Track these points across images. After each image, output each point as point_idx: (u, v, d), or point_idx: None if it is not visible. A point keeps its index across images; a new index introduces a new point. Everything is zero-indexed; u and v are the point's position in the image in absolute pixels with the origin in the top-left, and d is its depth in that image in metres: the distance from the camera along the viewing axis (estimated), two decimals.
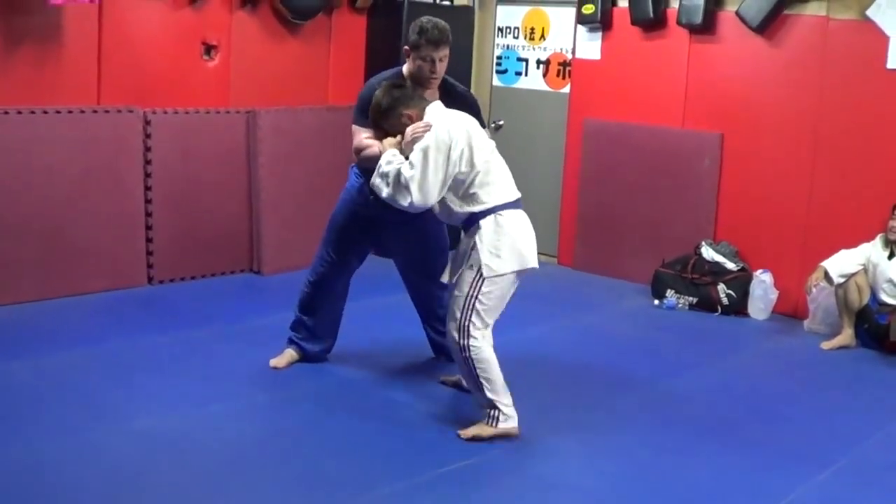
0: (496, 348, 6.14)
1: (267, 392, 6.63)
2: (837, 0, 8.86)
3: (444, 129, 5.93)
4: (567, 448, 6.06)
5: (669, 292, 9.46)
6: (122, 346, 7.37)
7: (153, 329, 7.84)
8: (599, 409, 6.70)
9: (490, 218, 6.07)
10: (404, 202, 5.88)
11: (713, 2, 9.50)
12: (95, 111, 8.63)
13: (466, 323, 6.00)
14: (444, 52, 6.49)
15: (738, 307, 9.28)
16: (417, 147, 5.87)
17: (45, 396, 6.36)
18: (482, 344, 6.05)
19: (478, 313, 6.01)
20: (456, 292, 6.09)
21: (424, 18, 6.48)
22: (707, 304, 9.34)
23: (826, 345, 8.40)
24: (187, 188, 9.20)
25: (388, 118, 6.16)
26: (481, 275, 5.99)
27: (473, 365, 6.01)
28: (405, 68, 6.62)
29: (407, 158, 5.93)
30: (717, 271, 9.36)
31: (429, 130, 5.91)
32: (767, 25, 9.18)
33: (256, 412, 6.33)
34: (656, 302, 9.51)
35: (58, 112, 8.38)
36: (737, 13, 9.28)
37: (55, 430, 5.82)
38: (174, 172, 9.10)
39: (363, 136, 6.49)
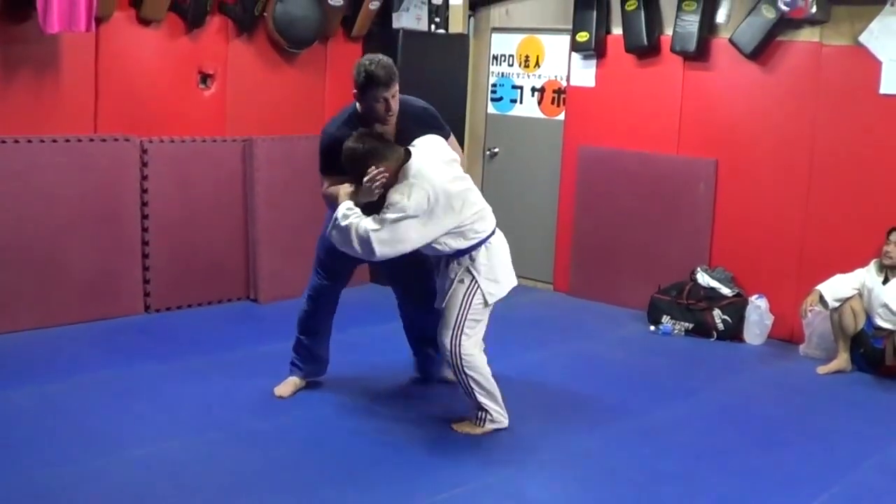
0: (494, 374, 6.20)
1: (264, 420, 6.63)
2: (830, 26, 8.91)
3: (423, 196, 6.05)
4: (563, 474, 6.07)
5: (665, 318, 9.47)
6: (119, 375, 7.37)
7: (150, 357, 7.84)
8: (596, 436, 6.70)
9: (482, 248, 6.40)
10: (365, 255, 6.11)
11: (707, 29, 9.54)
12: (92, 140, 8.65)
13: (459, 334, 6.37)
14: (395, 90, 6.40)
15: (733, 332, 9.29)
16: (395, 208, 5.99)
17: (43, 424, 6.36)
18: (474, 352, 6.47)
19: (470, 326, 6.41)
20: (448, 306, 6.41)
21: (366, 60, 6.43)
22: (703, 329, 9.35)
23: (822, 369, 8.42)
24: (184, 216, 9.22)
25: (357, 168, 6.17)
26: (478, 292, 6.39)
27: (465, 372, 6.43)
28: (359, 107, 6.53)
29: (360, 206, 6.11)
30: (712, 297, 9.37)
31: (384, 177, 6.03)
32: (761, 52, 9.22)
33: (254, 440, 6.32)
34: (652, 328, 9.52)
35: (54, 141, 8.40)
36: (730, 40, 9.33)
37: (53, 458, 5.83)
38: (171, 201, 9.12)
39: (326, 186, 6.60)
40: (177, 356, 7.91)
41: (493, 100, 11.59)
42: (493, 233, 6.50)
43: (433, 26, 10.98)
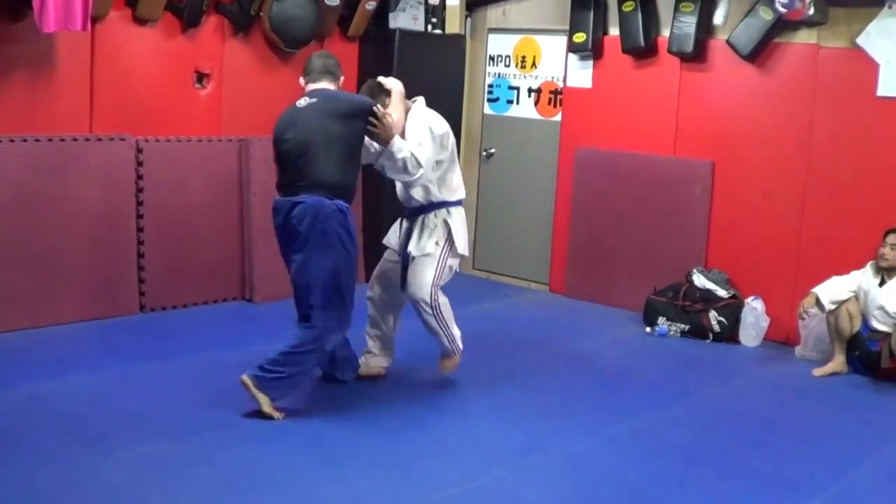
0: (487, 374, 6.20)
1: (259, 420, 6.61)
2: (827, 28, 8.90)
3: (440, 119, 7.39)
4: (558, 476, 6.06)
5: (661, 319, 9.47)
6: (114, 374, 7.36)
7: (145, 357, 7.83)
8: (591, 437, 6.69)
9: (460, 208, 7.49)
10: (411, 173, 7.04)
11: (704, 30, 9.53)
12: (87, 139, 8.64)
13: (436, 287, 7.29)
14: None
15: (729, 334, 9.29)
16: (423, 131, 7.17)
17: (38, 424, 6.35)
18: (443, 299, 7.41)
19: (444, 279, 7.39)
20: (425, 263, 7.29)
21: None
22: (698, 331, 9.35)
23: (818, 371, 8.41)
24: (179, 216, 9.21)
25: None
26: (452, 250, 7.38)
27: (442, 315, 7.35)
28: None
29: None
30: (708, 298, 9.37)
31: (390, 115, 7.03)
32: (758, 54, 9.22)
33: (248, 440, 6.31)
34: (648, 329, 9.51)
35: (50, 140, 8.39)
36: (727, 41, 9.32)
37: (47, 458, 5.82)
38: (166, 200, 9.10)
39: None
40: (172, 356, 7.90)
41: (489, 100, 11.58)
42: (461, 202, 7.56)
43: (430, 26, 10.99)
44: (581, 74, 10.52)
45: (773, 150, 9.29)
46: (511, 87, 11.40)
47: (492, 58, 11.54)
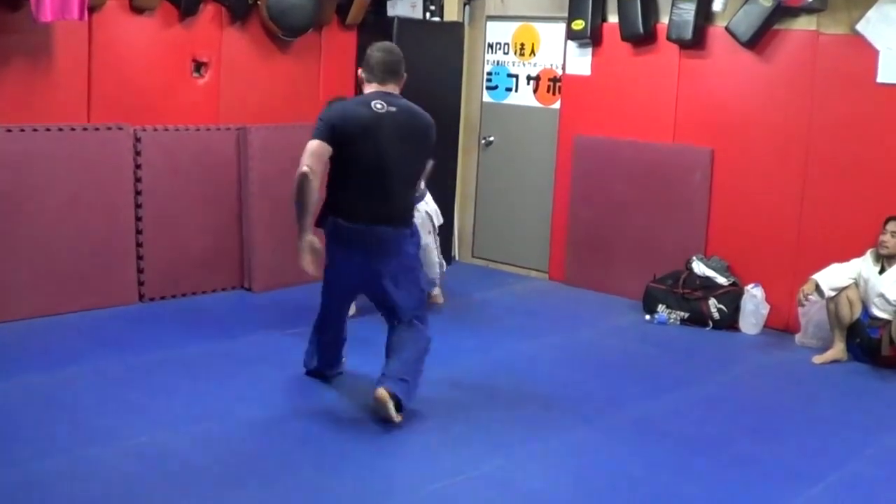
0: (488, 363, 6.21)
1: (259, 409, 6.61)
2: (827, 15, 8.88)
3: None
4: (558, 463, 6.06)
5: (660, 307, 9.46)
6: (113, 365, 7.35)
7: (145, 347, 7.82)
8: (591, 425, 6.68)
9: None
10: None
11: (703, 17, 9.50)
12: (85, 128, 8.62)
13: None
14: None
15: (729, 322, 9.28)
16: None
17: (37, 415, 6.34)
18: None
19: None
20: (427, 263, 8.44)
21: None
22: (698, 318, 9.34)
23: (818, 359, 8.41)
24: (177, 205, 9.19)
25: None
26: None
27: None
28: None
29: None
30: (708, 286, 9.36)
31: None
32: (757, 40, 9.19)
33: (249, 429, 6.31)
34: (647, 317, 9.51)
35: (48, 130, 8.36)
36: (726, 28, 9.30)
37: (46, 449, 5.80)
38: (164, 189, 9.09)
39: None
40: (171, 345, 7.88)
41: (488, 88, 11.56)
42: None
43: (428, 14, 10.97)
44: (580, 62, 10.49)
45: (773, 137, 9.28)
46: (510, 75, 11.38)
47: (490, 45, 11.52)
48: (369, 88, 6.63)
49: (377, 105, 6.45)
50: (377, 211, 6.45)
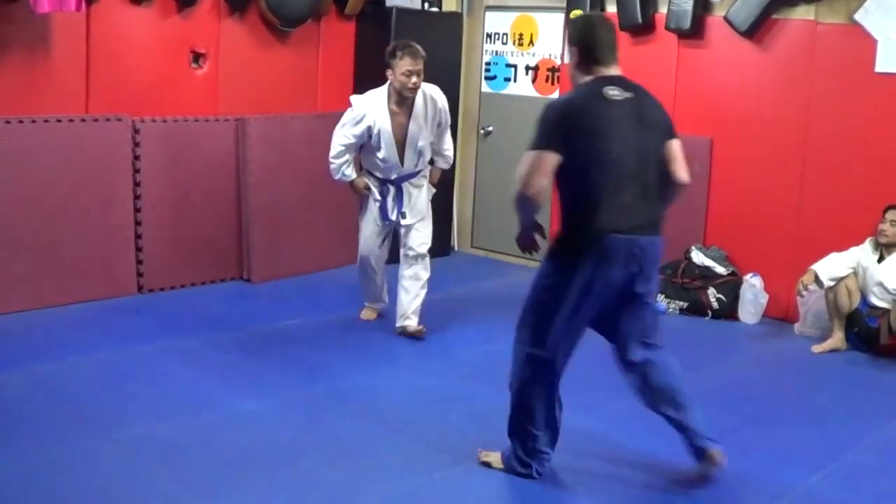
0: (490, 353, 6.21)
1: (258, 400, 6.62)
2: (825, 4, 8.88)
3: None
4: (559, 451, 6.05)
5: (660, 297, 9.45)
6: (113, 356, 7.36)
7: (144, 338, 7.83)
8: (591, 415, 6.68)
9: None
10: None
11: (701, 6, 9.50)
12: (84, 120, 8.61)
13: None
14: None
15: (728, 311, 9.29)
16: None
17: (37, 406, 6.36)
18: None
19: None
20: (427, 218, 8.34)
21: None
22: (697, 308, 9.35)
23: (817, 348, 8.42)
24: (176, 196, 9.19)
25: None
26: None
27: None
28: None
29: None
30: (707, 276, 9.36)
31: None
32: (756, 30, 9.19)
33: (248, 420, 6.31)
34: None
35: (46, 121, 8.37)
36: (725, 18, 9.29)
37: (47, 440, 5.82)
38: (163, 181, 9.09)
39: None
40: (170, 336, 7.90)
41: (486, 78, 11.56)
42: None
43: (426, 4, 10.95)
44: None
45: (772, 126, 9.28)
46: (508, 65, 11.37)
47: (489, 35, 11.51)
48: (588, 75, 5.57)
49: (612, 92, 5.40)
50: (637, 217, 5.35)
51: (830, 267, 8.29)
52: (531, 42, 11.14)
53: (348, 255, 9.62)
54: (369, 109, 7.94)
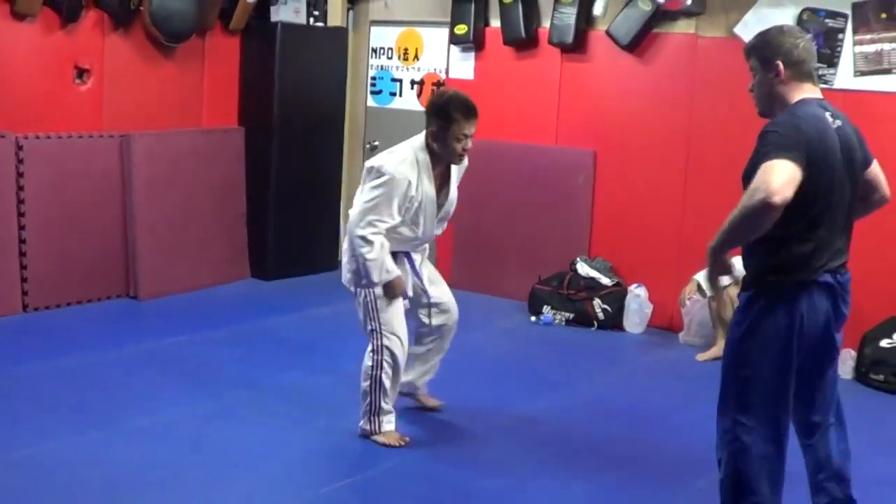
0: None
1: (145, 417, 6.58)
2: (705, 18, 9.04)
3: None
4: (446, 463, 6.09)
5: (546, 308, 9.55)
6: None
7: (29, 357, 7.74)
8: (479, 427, 6.73)
9: None
10: None
11: (584, 21, 9.63)
12: None
13: None
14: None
15: (613, 321, 9.40)
16: None
17: None
18: None
19: None
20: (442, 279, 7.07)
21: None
22: (583, 319, 9.44)
23: (701, 356, 8.55)
24: (62, 213, 9.08)
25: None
26: None
27: None
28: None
29: None
30: (592, 286, 9.47)
31: None
32: (637, 44, 9.33)
33: (135, 437, 6.27)
34: (533, 318, 9.59)
35: None
36: (607, 32, 9.42)
37: None
38: (48, 198, 8.98)
39: None
40: (56, 355, 7.80)
41: (372, 93, 11.59)
42: None
43: (312, 19, 10.95)
44: (463, 66, 10.56)
45: (654, 138, 9.41)
46: (394, 80, 11.41)
47: (374, 50, 11.55)
48: (799, 92, 5.05)
49: (830, 119, 4.85)
50: (840, 258, 4.86)
51: None
52: (416, 56, 11.20)
53: (237, 271, 9.62)
54: (412, 177, 6.27)
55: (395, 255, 6.37)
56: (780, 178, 4.55)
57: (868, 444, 6.82)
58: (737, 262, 5.70)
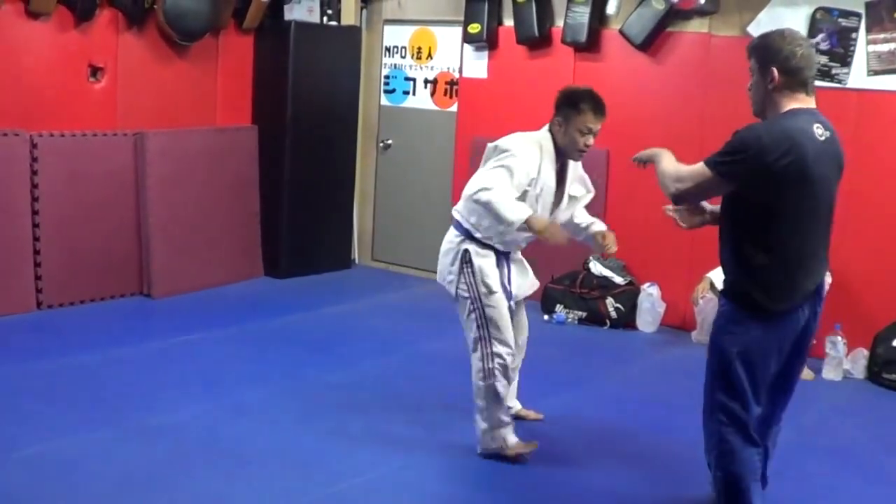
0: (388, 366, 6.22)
1: (158, 415, 6.59)
2: (719, 17, 9.04)
3: None
4: (459, 465, 6.10)
5: (559, 307, 9.56)
6: (10, 373, 7.27)
7: (42, 355, 7.75)
8: None
9: None
10: None
11: (597, 20, 9.63)
12: None
13: None
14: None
15: (626, 320, 9.40)
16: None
17: None
18: None
19: None
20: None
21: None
22: (596, 318, 9.45)
23: None
24: (75, 211, 9.11)
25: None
26: None
27: None
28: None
29: None
30: (605, 285, 9.47)
31: None
32: (651, 43, 9.33)
33: (148, 435, 6.28)
34: (546, 317, 9.60)
35: None
36: (620, 31, 9.42)
37: None
38: (62, 196, 9.01)
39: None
40: (69, 353, 7.82)
41: (385, 92, 11.60)
42: None
43: (325, 18, 10.95)
44: (476, 65, 10.57)
45: (667, 137, 9.33)
46: (407, 79, 11.42)
47: (388, 49, 11.56)
48: (791, 102, 4.92)
49: (818, 131, 4.77)
50: (817, 275, 4.98)
51: None
52: (429, 55, 11.20)
53: (250, 269, 9.64)
54: (536, 157, 6.21)
55: (497, 254, 6.29)
56: (692, 183, 5.37)
57: (879, 443, 6.85)
58: (718, 273, 5.70)
